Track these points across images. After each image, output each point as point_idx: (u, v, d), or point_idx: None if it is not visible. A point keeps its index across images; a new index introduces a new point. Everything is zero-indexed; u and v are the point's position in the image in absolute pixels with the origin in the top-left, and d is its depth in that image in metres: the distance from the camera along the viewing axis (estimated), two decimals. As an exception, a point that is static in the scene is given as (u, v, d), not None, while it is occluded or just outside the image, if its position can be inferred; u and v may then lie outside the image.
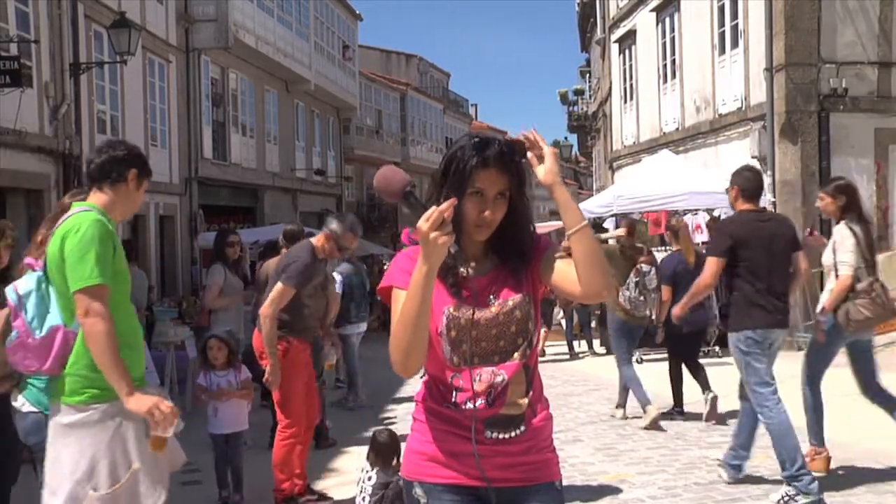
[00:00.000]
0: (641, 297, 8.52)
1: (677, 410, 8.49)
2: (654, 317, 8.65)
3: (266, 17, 22.59)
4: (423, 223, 2.12)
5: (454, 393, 2.36)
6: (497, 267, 2.42)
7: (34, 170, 12.95)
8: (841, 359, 6.24)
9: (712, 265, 5.72)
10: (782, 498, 5.33)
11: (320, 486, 6.28)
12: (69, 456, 3.35)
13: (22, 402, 3.84)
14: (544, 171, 2.35)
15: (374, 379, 10.68)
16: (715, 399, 8.14)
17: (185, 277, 18.88)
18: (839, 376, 6.32)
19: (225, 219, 21.42)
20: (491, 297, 2.38)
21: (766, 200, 13.12)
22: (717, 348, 12.72)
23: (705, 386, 8.34)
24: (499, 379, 2.35)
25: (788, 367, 12.12)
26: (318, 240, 5.93)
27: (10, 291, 3.45)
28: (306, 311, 5.88)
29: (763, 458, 6.62)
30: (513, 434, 2.36)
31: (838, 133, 13.17)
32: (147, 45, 16.87)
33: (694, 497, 5.71)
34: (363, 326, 10.09)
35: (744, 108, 14.37)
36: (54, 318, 3.40)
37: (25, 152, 12.58)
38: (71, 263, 3.32)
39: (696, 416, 8.42)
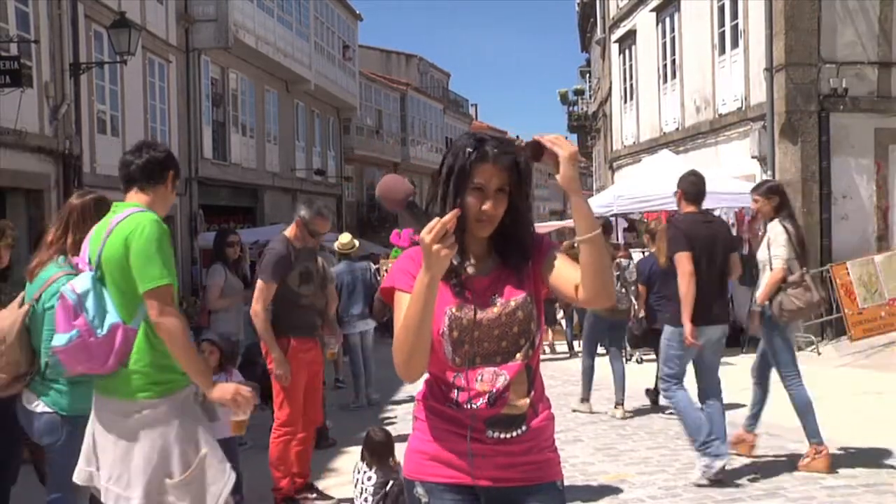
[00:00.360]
0: (623, 290, 8.81)
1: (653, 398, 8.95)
2: (632, 312, 8.95)
3: (266, 17, 22.59)
4: (426, 235, 2.12)
5: (456, 392, 2.36)
6: (499, 267, 2.42)
7: (34, 170, 12.95)
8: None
9: (685, 260, 6.02)
10: (702, 469, 5.86)
11: (320, 486, 6.28)
12: (141, 450, 3.41)
13: (35, 403, 3.86)
14: (559, 176, 2.32)
15: (374, 379, 10.66)
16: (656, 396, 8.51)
17: (185, 277, 18.87)
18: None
19: (225, 219, 21.43)
20: (493, 297, 2.38)
21: (766, 200, 13.14)
22: (717, 348, 12.74)
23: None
24: (501, 379, 2.34)
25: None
26: (290, 230, 5.96)
27: (67, 291, 3.42)
28: (303, 304, 5.88)
29: (762, 459, 6.63)
30: (514, 434, 2.36)
31: (838, 133, 13.17)
32: (147, 45, 16.87)
33: (694, 497, 5.71)
34: (362, 326, 9.99)
35: (744, 108, 14.37)
36: (113, 316, 3.41)
37: (25, 152, 12.58)
38: (140, 264, 3.38)
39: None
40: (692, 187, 6.34)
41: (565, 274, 2.39)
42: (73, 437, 3.74)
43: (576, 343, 14.65)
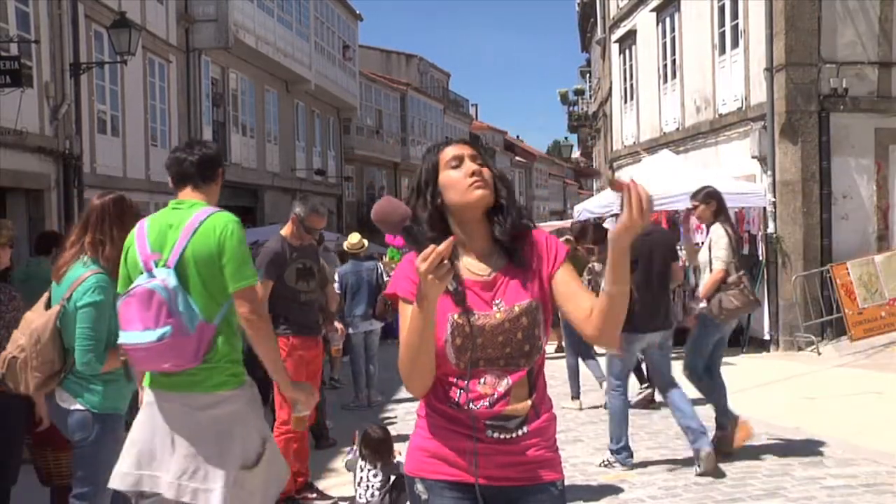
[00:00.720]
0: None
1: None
2: None
3: (266, 17, 22.60)
4: (421, 263, 2.11)
5: (457, 392, 2.36)
6: (505, 268, 2.41)
7: (34, 170, 12.96)
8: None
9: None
10: (604, 461, 6.55)
11: (320, 486, 6.28)
12: (218, 441, 3.46)
13: (68, 401, 3.91)
14: (618, 229, 2.17)
15: (376, 381, 10.66)
16: (652, 392, 8.74)
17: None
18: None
19: (225, 219, 21.38)
20: (497, 301, 2.37)
21: (766, 201, 13.14)
22: (717, 348, 12.74)
23: (641, 380, 9.11)
24: (503, 383, 2.35)
25: (789, 368, 12.14)
26: (286, 228, 6.01)
27: (158, 288, 3.36)
28: (303, 301, 5.88)
29: (762, 459, 6.63)
30: (515, 434, 2.36)
31: (838, 133, 13.15)
32: (147, 45, 16.87)
33: (694, 497, 5.71)
34: (365, 326, 9.97)
35: (744, 108, 14.36)
36: (197, 313, 3.43)
37: (25, 152, 12.58)
38: (236, 264, 3.46)
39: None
40: None
41: (577, 300, 2.38)
42: (104, 433, 3.84)
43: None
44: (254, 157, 23.55)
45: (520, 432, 2.37)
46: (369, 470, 5.32)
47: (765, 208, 13.22)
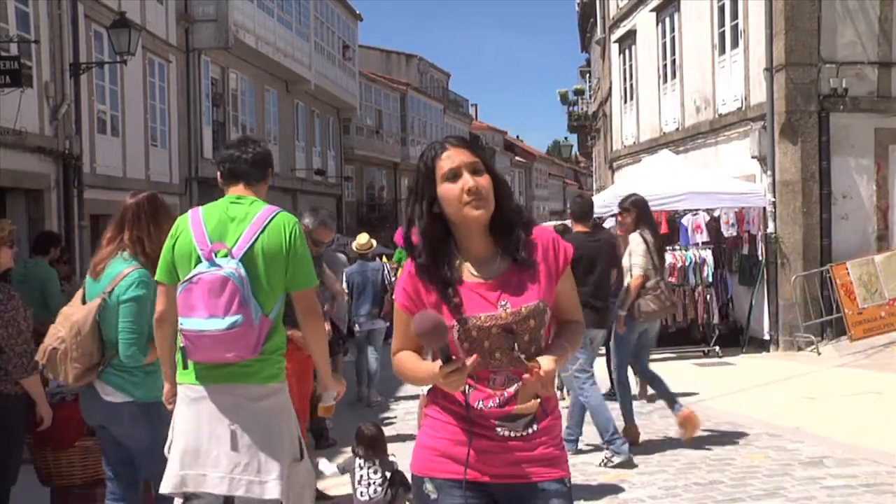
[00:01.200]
0: None
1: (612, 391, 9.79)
2: None
3: (266, 17, 22.59)
4: (442, 375, 2.24)
5: (467, 391, 2.37)
6: (508, 270, 2.41)
7: (34, 170, 12.95)
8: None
9: None
10: (603, 460, 6.53)
11: (320, 486, 6.26)
12: (272, 434, 3.50)
13: (111, 393, 3.97)
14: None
15: (376, 381, 10.66)
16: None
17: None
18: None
19: (225, 219, 21.37)
20: (502, 302, 2.37)
21: (766, 201, 13.14)
22: (717, 348, 12.75)
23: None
24: (512, 384, 2.36)
25: (789, 367, 12.15)
26: None
27: (234, 276, 3.38)
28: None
29: (762, 458, 6.64)
30: (524, 433, 2.38)
31: (838, 133, 13.15)
32: (147, 45, 16.86)
33: (694, 497, 5.71)
34: (369, 325, 10.07)
35: (744, 108, 14.36)
36: (258, 306, 3.47)
37: (25, 152, 12.57)
38: (304, 264, 3.59)
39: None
40: (578, 208, 7.23)
41: (562, 304, 2.50)
42: (153, 422, 3.92)
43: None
44: (254, 157, 23.51)
45: (529, 430, 2.38)
46: (369, 467, 5.35)
47: (764, 208, 13.22)
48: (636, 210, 7.17)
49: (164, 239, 3.69)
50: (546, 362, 2.32)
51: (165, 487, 3.52)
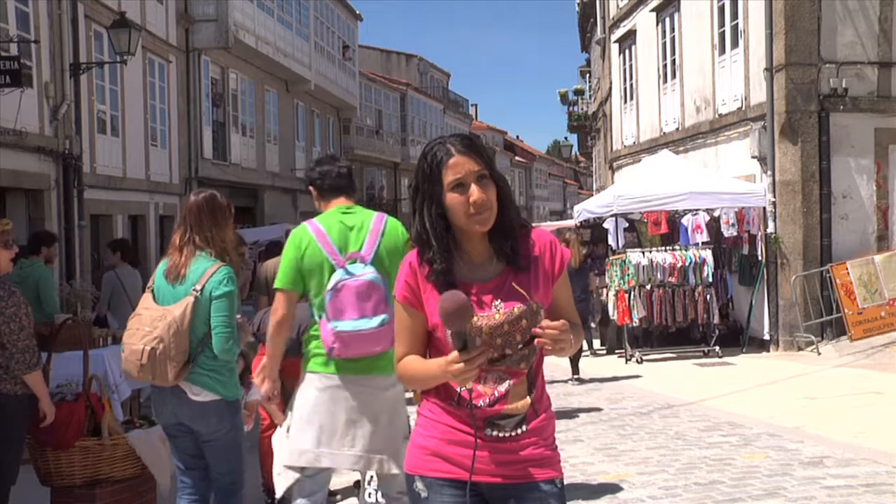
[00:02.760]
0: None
1: (575, 378, 10.69)
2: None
3: (266, 17, 22.59)
4: (453, 369, 2.23)
5: (458, 390, 2.37)
6: (504, 272, 2.41)
7: (34, 170, 12.95)
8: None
9: None
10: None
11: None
12: (395, 418, 3.97)
13: (199, 393, 4.02)
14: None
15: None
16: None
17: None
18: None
19: (225, 219, 21.35)
20: (496, 303, 2.37)
21: (766, 201, 13.15)
22: (717, 348, 12.75)
23: (575, 370, 10.74)
24: (503, 383, 2.36)
25: (789, 367, 12.14)
26: None
27: (378, 280, 3.83)
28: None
29: (762, 458, 6.64)
30: (514, 433, 2.38)
31: (838, 133, 13.15)
32: (147, 45, 16.86)
33: (694, 497, 5.71)
34: None
35: (744, 108, 14.36)
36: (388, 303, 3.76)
37: (25, 152, 12.57)
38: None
39: (696, 417, 8.43)
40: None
41: (559, 307, 2.49)
42: (236, 417, 4.11)
43: (595, 342, 14.59)
44: (253, 158, 23.54)
45: (519, 430, 2.38)
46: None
47: (764, 208, 13.22)
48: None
49: (225, 236, 4.10)
50: (553, 323, 2.30)
51: (298, 460, 3.90)
